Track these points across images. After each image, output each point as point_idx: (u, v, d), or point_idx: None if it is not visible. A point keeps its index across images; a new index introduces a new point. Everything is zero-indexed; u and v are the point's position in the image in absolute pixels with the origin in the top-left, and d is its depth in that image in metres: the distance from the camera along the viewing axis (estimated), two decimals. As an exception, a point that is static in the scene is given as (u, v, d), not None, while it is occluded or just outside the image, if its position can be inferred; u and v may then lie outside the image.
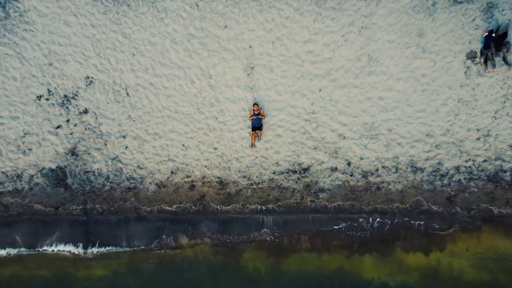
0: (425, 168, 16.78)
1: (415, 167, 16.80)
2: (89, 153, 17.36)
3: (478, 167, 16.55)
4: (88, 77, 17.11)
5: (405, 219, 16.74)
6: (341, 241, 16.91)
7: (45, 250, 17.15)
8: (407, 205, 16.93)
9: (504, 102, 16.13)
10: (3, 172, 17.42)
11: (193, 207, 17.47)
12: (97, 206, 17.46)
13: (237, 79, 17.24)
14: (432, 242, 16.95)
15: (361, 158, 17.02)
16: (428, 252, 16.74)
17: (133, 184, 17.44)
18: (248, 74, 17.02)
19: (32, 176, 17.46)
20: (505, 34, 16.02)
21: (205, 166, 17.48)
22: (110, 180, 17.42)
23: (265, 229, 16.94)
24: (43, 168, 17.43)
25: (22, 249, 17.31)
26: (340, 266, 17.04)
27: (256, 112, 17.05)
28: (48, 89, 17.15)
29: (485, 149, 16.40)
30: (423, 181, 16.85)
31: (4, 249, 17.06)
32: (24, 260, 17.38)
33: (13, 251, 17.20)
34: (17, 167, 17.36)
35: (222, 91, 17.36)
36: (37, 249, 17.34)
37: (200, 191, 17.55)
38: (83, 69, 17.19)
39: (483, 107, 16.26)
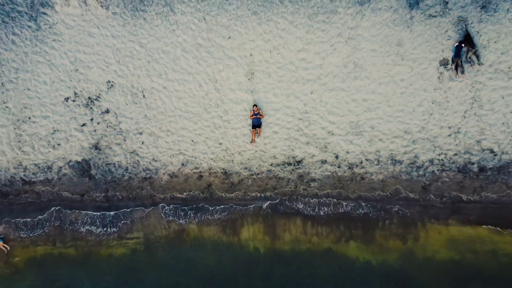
0: (403, 160, 18.48)
1: (395, 160, 18.48)
2: (110, 148, 19.21)
3: (449, 160, 18.25)
4: (109, 81, 18.92)
5: (387, 206, 18.31)
6: (330, 225, 18.95)
7: (72, 231, 19.07)
8: (388, 193, 18.77)
9: (472, 104, 17.66)
10: (35, 164, 19.31)
11: (201, 195, 19.50)
12: (117, 193, 19.49)
13: (239, 83, 18.85)
14: (409, 227, 18.49)
15: (348, 152, 18.70)
16: (405, 235, 18.48)
17: (148, 175, 19.35)
18: (249, 79, 18.66)
19: (60, 167, 19.40)
20: (472, 44, 17.06)
21: (211, 159, 19.25)
22: (129, 171, 19.29)
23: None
24: (70, 161, 19.31)
25: (53, 230, 19.14)
26: (329, 247, 18.96)
27: (255, 112, 18.65)
28: (74, 92, 18.95)
29: (456, 144, 18.10)
30: (402, 172, 18.58)
31: (37, 230, 19.19)
32: (53, 240, 19.33)
33: (44, 232, 19.20)
34: (47, 159, 19.37)
35: (226, 94, 19.04)
36: (64, 231, 19.22)
37: (207, 181, 19.48)
38: (105, 74, 19.00)
39: (454, 107, 17.86)
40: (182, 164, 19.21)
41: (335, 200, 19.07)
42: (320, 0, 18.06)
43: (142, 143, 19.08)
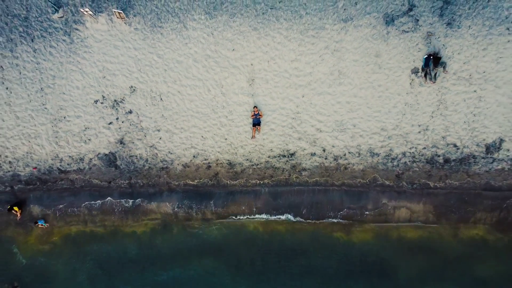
0: (380, 153, 20.46)
1: (373, 153, 20.47)
2: (133, 142, 20.92)
3: (419, 153, 20.30)
4: (132, 87, 20.37)
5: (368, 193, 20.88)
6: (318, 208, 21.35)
7: (101, 212, 21.51)
8: (367, 180, 20.92)
9: (439, 105, 19.58)
10: (70, 156, 21.12)
11: (209, 182, 21.45)
12: (139, 181, 21.47)
13: (241, 88, 20.25)
14: (384, 212, 20.97)
15: (333, 146, 20.56)
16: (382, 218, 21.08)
17: (165, 165, 21.21)
18: (250, 84, 20.12)
19: (91, 159, 21.22)
20: (438, 56, 19.16)
21: (218, 152, 21.02)
22: (148, 162, 21.15)
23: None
24: (99, 153, 21.12)
25: (85, 212, 21.56)
26: (315, 228, 21.55)
27: (255, 113, 20.12)
28: (102, 95, 20.44)
29: (424, 140, 20.09)
30: (379, 163, 20.61)
31: (71, 212, 21.43)
32: (85, 220, 21.66)
33: (77, 213, 21.57)
34: (80, 152, 21.13)
35: (230, 97, 20.45)
36: (93, 212, 21.55)
37: (214, 170, 21.36)
38: (128, 80, 20.37)
39: (423, 108, 19.72)
40: (194, 156, 21.02)
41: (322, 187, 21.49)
42: (310, 18, 19.45)
43: (160, 138, 20.79)
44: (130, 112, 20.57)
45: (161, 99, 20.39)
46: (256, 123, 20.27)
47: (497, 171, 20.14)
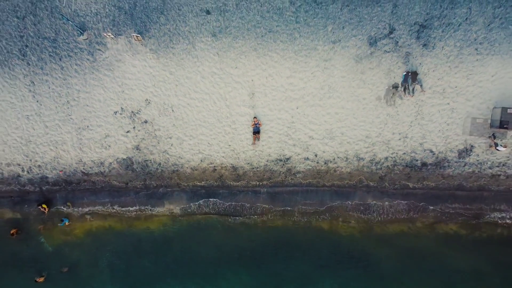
0: (365, 158, 22.32)
1: (359, 157, 22.34)
2: (148, 148, 22.80)
3: (399, 158, 22.16)
4: (147, 100, 22.20)
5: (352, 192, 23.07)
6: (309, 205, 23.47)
7: (118, 210, 23.84)
8: (354, 182, 22.77)
9: (416, 116, 21.44)
10: (92, 161, 23.03)
11: (215, 183, 23.39)
12: (152, 182, 23.40)
13: (243, 100, 21.98)
14: (368, 208, 23.27)
15: (324, 151, 22.36)
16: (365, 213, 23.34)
17: (176, 168, 23.09)
18: (250, 98, 21.90)
19: (110, 163, 23.15)
20: (416, 73, 21.19)
21: (223, 157, 22.85)
22: (161, 166, 23.06)
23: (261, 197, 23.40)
24: (118, 158, 23.04)
25: (104, 209, 23.86)
26: (308, 221, 23.75)
27: (255, 122, 21.87)
28: (121, 107, 22.27)
29: (404, 146, 21.89)
30: (364, 166, 22.49)
31: (92, 209, 23.75)
32: (105, 216, 23.89)
33: (98, 210, 23.84)
34: (101, 157, 23.02)
35: (233, 109, 22.19)
36: (112, 209, 23.78)
37: (219, 173, 23.26)
38: (144, 94, 22.15)
39: (402, 119, 21.52)
40: (201, 160, 22.93)
41: (314, 187, 23.87)
42: (303, 40, 21.25)
43: (171, 145, 22.70)
44: (146, 122, 22.43)
45: (172, 110, 22.24)
46: (256, 131, 22.09)
47: (468, 174, 22.13)
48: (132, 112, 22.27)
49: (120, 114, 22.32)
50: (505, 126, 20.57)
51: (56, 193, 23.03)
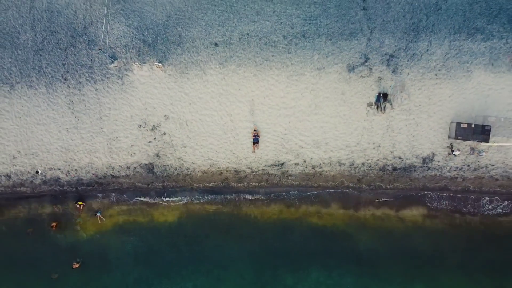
0: (345, 163, 26.00)
1: (340, 163, 26.04)
2: (166, 156, 26.30)
3: (374, 163, 25.93)
4: (166, 115, 25.77)
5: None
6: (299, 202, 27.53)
7: (141, 206, 27.79)
8: (336, 183, 26.40)
9: (387, 129, 25.34)
10: (119, 165, 26.41)
11: (221, 184, 26.87)
12: (169, 183, 26.82)
13: (245, 116, 25.75)
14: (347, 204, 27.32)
15: (311, 158, 26.03)
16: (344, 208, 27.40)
17: (189, 172, 26.60)
18: (251, 114, 25.69)
19: (135, 167, 26.59)
20: (386, 94, 24.99)
21: (228, 162, 26.42)
22: (177, 170, 26.52)
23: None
24: (141, 163, 26.53)
25: (129, 205, 27.65)
26: (301, 215, 27.59)
27: (255, 134, 25.49)
28: (144, 121, 25.81)
29: (377, 154, 25.65)
30: (345, 170, 26.10)
31: (119, 206, 27.54)
32: (130, 211, 27.52)
33: (124, 206, 27.68)
34: (127, 163, 26.48)
35: (237, 123, 25.93)
36: (135, 205, 27.52)
37: (225, 176, 26.82)
38: (163, 111, 25.72)
39: (376, 131, 25.31)
40: (210, 165, 26.54)
41: (304, 188, 27.89)
42: (294, 67, 25.22)
43: (186, 152, 26.30)
44: (164, 133, 26.13)
45: (186, 124, 26.03)
46: (255, 141, 25.81)
47: (431, 177, 26.17)
48: (153, 125, 26.13)
49: (143, 127, 26.18)
50: (459, 137, 25.04)
51: (89, 192, 26.90)
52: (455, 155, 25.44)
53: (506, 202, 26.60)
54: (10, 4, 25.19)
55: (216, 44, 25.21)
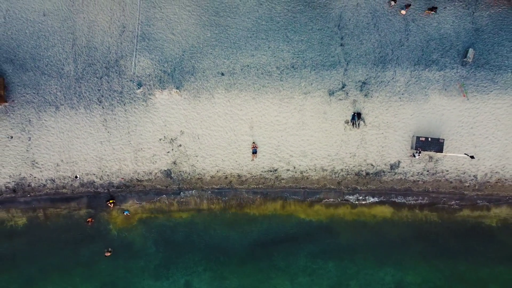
0: (327, 169, 30.89)
1: (323, 169, 30.94)
2: (181, 163, 30.97)
3: (351, 169, 30.90)
4: (181, 131, 30.44)
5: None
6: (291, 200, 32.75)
7: (160, 205, 34.09)
8: (320, 185, 31.33)
9: (361, 142, 30.75)
10: (143, 171, 30.97)
11: (226, 186, 31.68)
12: (184, 186, 31.75)
13: (246, 131, 30.55)
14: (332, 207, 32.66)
15: (300, 165, 30.90)
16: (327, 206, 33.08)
17: (200, 176, 31.28)
18: (250, 129, 30.59)
19: (156, 173, 31.30)
20: (360, 113, 30.12)
21: (232, 168, 31.22)
22: (190, 175, 31.20)
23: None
24: (161, 169, 31.19)
25: (151, 204, 32.93)
26: (292, 211, 33.23)
27: (254, 146, 30.40)
28: (164, 135, 30.42)
29: (353, 161, 30.62)
30: (327, 175, 31.00)
31: (143, 205, 32.65)
32: (151, 209, 32.66)
33: (147, 205, 33.02)
34: (150, 169, 31.14)
35: (239, 137, 30.71)
36: (156, 204, 33.08)
37: (229, 179, 31.69)
38: (179, 127, 30.44)
39: (352, 143, 30.55)
40: (217, 171, 31.35)
41: (294, 189, 34.79)
42: (285, 92, 30.37)
43: (197, 161, 31.05)
44: (180, 145, 31.11)
45: (198, 138, 30.98)
46: (254, 152, 30.86)
47: (397, 180, 31.43)
48: (171, 139, 31.14)
49: (163, 140, 31.22)
50: (418, 148, 30.68)
51: (119, 193, 32.21)
52: (415, 156, 30.78)
53: (457, 201, 32.19)
54: (56, 42, 30.80)
55: (222, 74, 30.90)
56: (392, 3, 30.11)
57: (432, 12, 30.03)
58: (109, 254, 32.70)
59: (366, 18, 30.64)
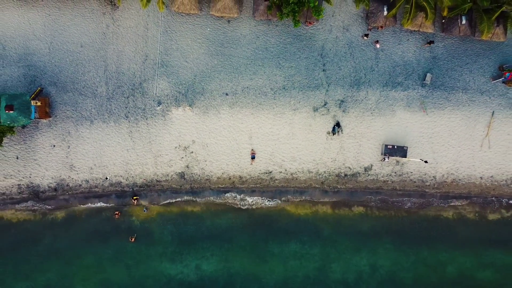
0: (313, 171, 36.42)
1: (309, 171, 36.49)
2: (193, 167, 36.41)
3: (332, 171, 36.38)
4: (193, 140, 36.01)
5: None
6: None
7: (175, 202, 40.15)
8: (307, 185, 37.18)
9: (340, 149, 35.87)
10: (162, 173, 36.29)
11: (229, 186, 37.22)
12: (195, 185, 37.67)
13: (245, 141, 36.12)
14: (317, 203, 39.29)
15: (290, 168, 36.36)
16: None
17: (208, 178, 36.76)
18: (250, 139, 36.17)
19: (172, 175, 36.70)
20: (339, 125, 35.87)
21: (234, 171, 36.67)
22: (200, 176, 36.65)
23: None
24: (176, 172, 36.78)
25: (168, 201, 39.48)
26: (284, 206, 41.06)
27: (252, 152, 36.11)
28: (178, 144, 35.96)
29: (334, 165, 36.43)
30: (312, 176, 36.48)
31: (160, 201, 38.96)
32: (168, 205, 40.60)
33: (164, 202, 39.53)
34: (167, 172, 36.57)
35: (241, 145, 36.28)
36: (172, 201, 41.49)
37: (232, 180, 37.26)
38: (191, 137, 35.90)
39: (332, 150, 36.24)
40: (222, 173, 36.93)
41: (286, 189, 41.86)
42: (277, 108, 36.16)
43: (206, 165, 36.54)
44: (192, 152, 36.79)
45: (207, 146, 36.63)
46: (253, 157, 36.52)
47: (371, 180, 37.21)
48: (185, 147, 37.08)
49: (178, 148, 37.03)
50: (387, 154, 37.19)
51: (141, 192, 38.60)
52: (384, 160, 37.27)
53: (421, 199, 38.59)
54: (91, 68, 37.32)
55: (227, 94, 37.45)
56: (365, 38, 36.64)
57: (430, 45, 36.18)
58: (133, 239, 38.26)
59: (344, 48, 37.08)
